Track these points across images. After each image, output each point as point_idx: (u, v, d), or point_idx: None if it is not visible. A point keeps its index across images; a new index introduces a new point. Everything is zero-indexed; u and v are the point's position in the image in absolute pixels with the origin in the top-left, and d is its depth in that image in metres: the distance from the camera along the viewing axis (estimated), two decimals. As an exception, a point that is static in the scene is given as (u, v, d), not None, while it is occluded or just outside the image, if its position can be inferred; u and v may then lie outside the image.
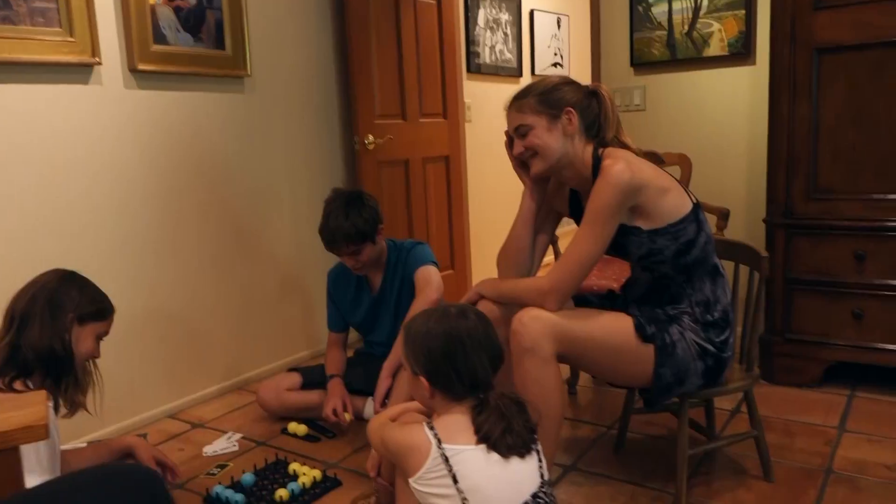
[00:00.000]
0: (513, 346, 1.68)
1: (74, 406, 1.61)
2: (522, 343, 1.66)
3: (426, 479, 1.32)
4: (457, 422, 1.35)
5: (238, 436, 2.44)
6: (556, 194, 1.91)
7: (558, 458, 2.13)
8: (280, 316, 3.10)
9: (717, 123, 3.04)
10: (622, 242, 1.74)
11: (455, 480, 1.29)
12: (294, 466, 2.12)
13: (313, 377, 2.54)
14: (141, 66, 2.46)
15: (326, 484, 2.05)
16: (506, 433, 1.32)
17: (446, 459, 1.30)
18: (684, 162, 2.67)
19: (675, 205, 1.71)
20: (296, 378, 2.54)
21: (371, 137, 3.25)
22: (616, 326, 1.71)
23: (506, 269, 1.89)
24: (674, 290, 1.77)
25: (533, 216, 1.86)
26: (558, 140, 1.73)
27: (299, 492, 2.00)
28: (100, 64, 2.34)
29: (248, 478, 2.00)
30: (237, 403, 2.77)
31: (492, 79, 4.32)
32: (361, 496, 1.90)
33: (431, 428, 1.35)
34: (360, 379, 2.51)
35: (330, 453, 2.27)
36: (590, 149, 1.76)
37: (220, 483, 2.05)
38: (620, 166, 1.63)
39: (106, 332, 1.71)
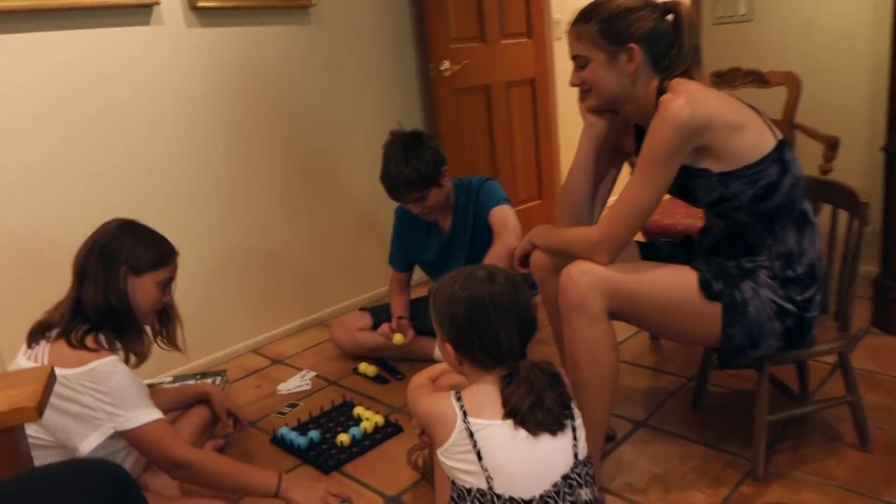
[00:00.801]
0: (561, 301, 1.55)
1: (140, 357, 1.64)
2: (570, 299, 1.52)
3: (452, 453, 1.24)
4: (486, 393, 1.26)
5: (312, 374, 2.48)
6: (622, 130, 1.71)
7: (630, 411, 2.01)
8: (356, 252, 3.08)
9: (833, 37, 2.60)
10: (689, 186, 1.54)
11: (479, 457, 1.20)
12: (358, 410, 2.13)
13: (383, 317, 2.51)
14: (201, 3, 2.40)
15: (388, 430, 2.04)
16: (535, 408, 1.21)
17: (471, 434, 1.22)
18: (791, 81, 2.32)
19: (752, 143, 1.47)
20: (367, 318, 2.53)
21: (447, 63, 3.08)
22: (676, 281, 1.53)
23: (563, 216, 1.73)
24: (751, 240, 1.55)
25: (592, 157, 1.68)
26: (616, 78, 1.53)
27: (360, 437, 2.00)
28: (158, 3, 2.31)
29: (314, 433, 2.02)
30: (315, 339, 2.81)
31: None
32: (417, 447, 1.88)
33: (459, 399, 1.26)
34: (430, 318, 2.46)
35: (396, 397, 2.26)
36: (655, 82, 1.54)
37: (286, 425, 2.09)
38: (680, 102, 1.41)
39: (171, 279, 1.68)
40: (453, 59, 3.11)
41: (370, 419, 2.07)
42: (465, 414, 1.24)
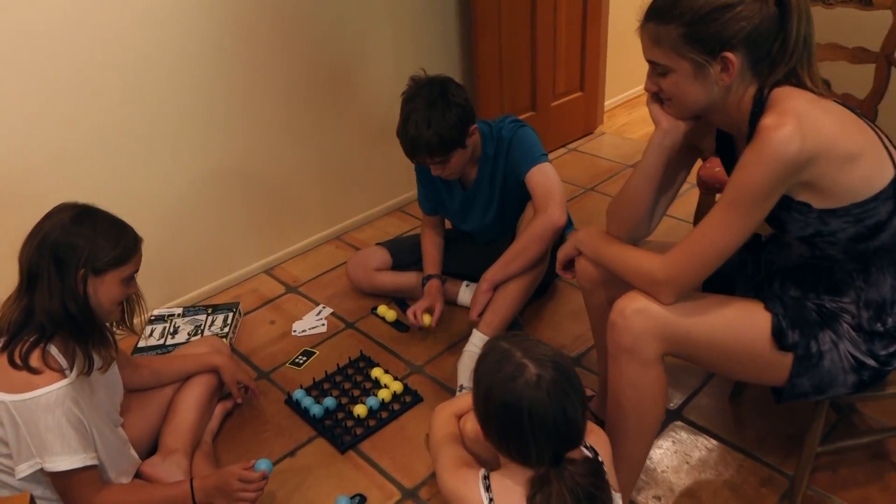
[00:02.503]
0: (609, 340, 1.37)
1: (107, 362, 1.48)
2: (621, 341, 1.34)
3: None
4: (515, 491, 1.12)
5: (328, 311, 2.36)
6: (700, 127, 1.41)
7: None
8: (380, 159, 2.82)
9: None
10: (780, 216, 1.28)
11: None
12: (377, 373, 2.03)
13: (404, 258, 2.34)
14: None
15: (406, 398, 1.95)
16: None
17: (497, 536, 1.10)
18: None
19: (866, 177, 1.20)
20: (385, 255, 2.35)
21: (487, -57, 2.61)
22: (746, 327, 1.32)
23: (615, 225, 1.48)
24: (838, 277, 1.33)
25: (659, 169, 1.40)
26: (704, 91, 1.23)
27: (378, 407, 1.92)
28: None
29: (330, 401, 1.93)
30: (332, 259, 2.66)
31: None
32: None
33: (488, 488, 1.13)
34: (456, 260, 2.29)
35: (416, 351, 2.15)
36: (752, 90, 1.23)
37: (301, 387, 2.00)
38: (786, 132, 1.13)
39: (134, 271, 1.48)
40: (494, -63, 2.63)
41: (389, 386, 1.97)
42: (493, 510, 1.11)
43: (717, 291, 1.40)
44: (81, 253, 1.37)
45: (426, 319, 2.08)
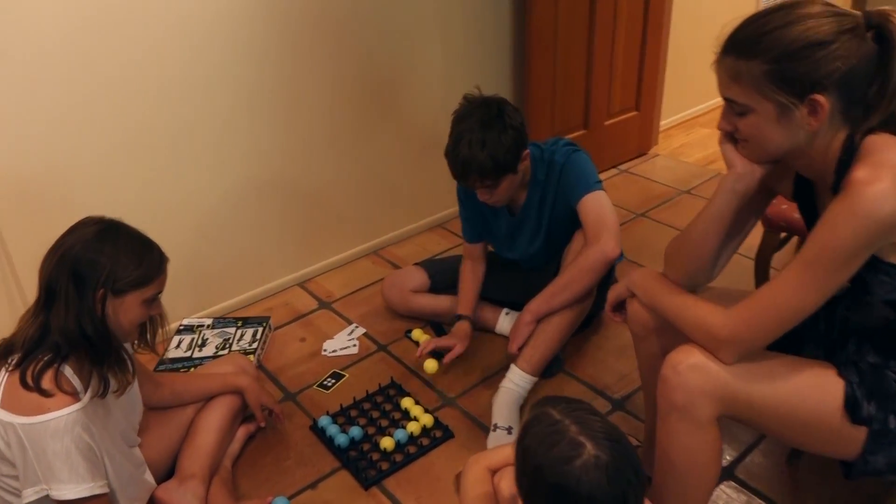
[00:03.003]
0: (660, 394, 1.25)
1: (123, 386, 1.40)
2: (673, 398, 1.21)
3: None
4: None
5: (360, 332, 2.26)
6: (778, 171, 1.27)
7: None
8: (423, 173, 2.73)
9: None
10: (865, 278, 1.14)
11: None
12: (406, 404, 1.92)
13: (443, 280, 2.23)
14: None
15: (436, 434, 1.84)
16: None
17: None
18: None
19: (968, 239, 1.06)
20: (423, 276, 2.25)
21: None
22: (815, 395, 1.18)
23: (673, 270, 1.35)
24: (924, 346, 1.18)
25: (728, 215, 1.26)
26: (788, 136, 1.10)
27: (406, 441, 1.82)
28: None
29: (356, 430, 1.84)
30: (367, 275, 2.57)
31: None
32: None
33: (520, 567, 1.02)
34: (497, 285, 2.17)
35: (449, 381, 2.04)
36: (842, 136, 1.09)
37: (328, 413, 1.91)
38: (882, 187, 0.99)
39: (158, 293, 1.40)
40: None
41: (419, 419, 1.87)
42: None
43: (782, 349, 1.25)
44: (101, 271, 1.30)
45: (429, 367, 1.97)
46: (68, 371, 1.31)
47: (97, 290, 1.30)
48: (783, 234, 2.12)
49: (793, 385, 1.19)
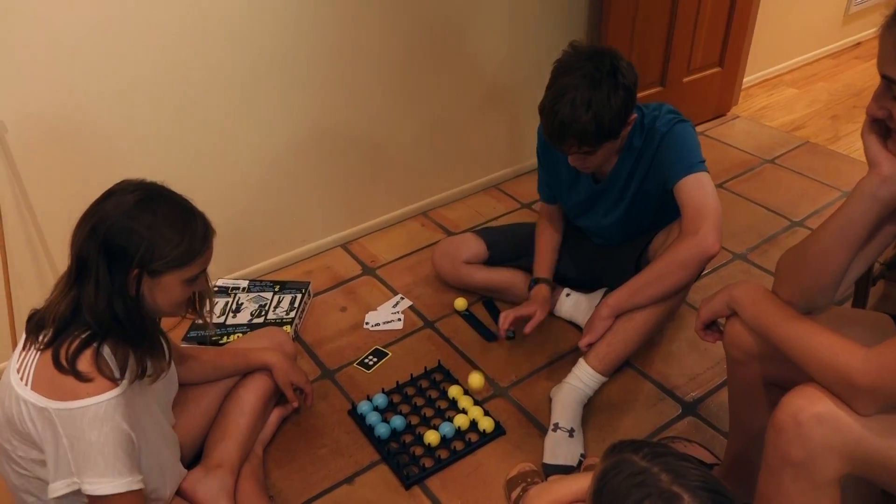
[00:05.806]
0: (771, 445, 1.03)
1: (157, 372, 1.25)
2: (789, 452, 1.00)
3: None
4: None
5: (406, 304, 2.08)
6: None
7: None
8: (481, 130, 2.49)
9: None
10: None
11: None
12: (455, 393, 1.75)
13: (502, 253, 2.01)
14: None
15: (486, 430, 1.67)
16: None
17: None
18: None
19: None
20: (480, 247, 2.01)
21: None
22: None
23: (789, 289, 1.11)
24: None
25: (866, 227, 1.02)
26: None
27: (452, 436, 1.65)
28: None
29: (398, 420, 1.67)
30: (417, 240, 2.37)
31: None
32: (518, 478, 1.52)
33: None
34: (562, 260, 1.95)
35: (502, 367, 1.86)
36: None
37: (368, 398, 1.75)
38: None
39: (201, 272, 1.24)
40: None
41: (467, 411, 1.70)
42: None
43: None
44: (137, 249, 1.13)
45: (474, 382, 1.77)
46: (107, 352, 1.16)
47: (131, 269, 1.14)
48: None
49: (940, 443, 0.97)
